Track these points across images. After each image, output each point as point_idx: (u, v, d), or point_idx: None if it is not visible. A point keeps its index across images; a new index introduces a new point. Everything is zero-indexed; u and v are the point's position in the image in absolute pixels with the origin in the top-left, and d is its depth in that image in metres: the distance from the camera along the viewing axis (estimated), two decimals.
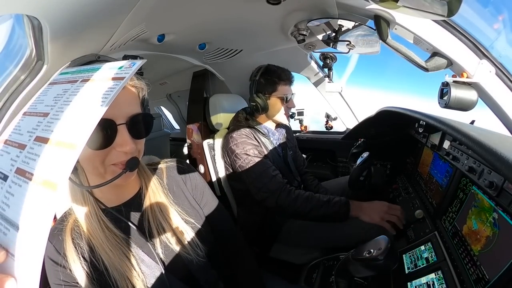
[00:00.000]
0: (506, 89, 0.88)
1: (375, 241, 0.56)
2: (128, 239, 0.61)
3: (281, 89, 1.28)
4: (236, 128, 1.28)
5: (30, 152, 0.31)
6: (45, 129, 0.32)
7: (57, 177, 0.27)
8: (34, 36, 0.57)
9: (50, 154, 0.29)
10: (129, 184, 0.64)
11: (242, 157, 1.18)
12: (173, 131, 3.27)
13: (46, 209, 0.26)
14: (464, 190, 0.74)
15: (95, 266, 0.56)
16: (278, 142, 1.40)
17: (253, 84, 1.31)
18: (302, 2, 1.00)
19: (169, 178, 0.72)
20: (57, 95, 0.36)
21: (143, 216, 0.64)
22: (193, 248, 0.65)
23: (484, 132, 0.68)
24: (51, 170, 0.28)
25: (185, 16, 1.03)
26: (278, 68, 1.31)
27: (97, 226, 0.57)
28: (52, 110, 0.34)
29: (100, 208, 0.59)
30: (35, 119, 0.34)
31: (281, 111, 1.31)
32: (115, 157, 0.52)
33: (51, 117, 0.33)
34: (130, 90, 0.56)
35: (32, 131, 0.33)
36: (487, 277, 0.53)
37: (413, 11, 0.70)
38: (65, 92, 0.36)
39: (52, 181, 0.27)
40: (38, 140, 0.31)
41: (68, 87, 0.37)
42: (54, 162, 0.28)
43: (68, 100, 0.35)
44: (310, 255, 1.14)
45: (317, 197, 1.06)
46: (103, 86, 0.34)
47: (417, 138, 1.16)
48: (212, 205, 0.79)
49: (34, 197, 0.27)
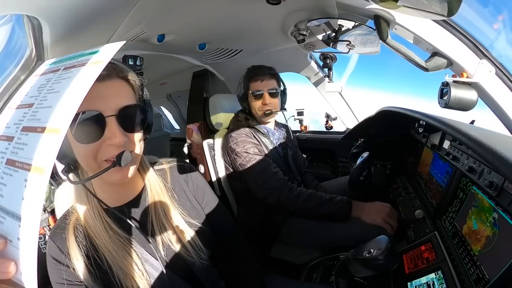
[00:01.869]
0: (506, 89, 0.88)
1: (375, 241, 0.56)
2: (131, 239, 0.61)
3: (252, 86, 1.29)
4: (236, 127, 1.28)
5: (18, 143, 0.32)
6: (30, 119, 0.33)
7: (44, 162, 0.29)
8: (34, 36, 0.57)
9: (37, 141, 0.31)
10: (132, 184, 0.64)
11: (243, 155, 1.18)
12: (173, 131, 3.28)
13: (37, 193, 0.28)
14: (464, 190, 0.74)
15: (99, 265, 0.56)
16: (278, 141, 1.40)
17: (238, 87, 1.35)
18: (302, 2, 1.00)
19: (172, 178, 0.72)
20: (40, 85, 0.37)
21: (146, 216, 0.63)
22: (195, 250, 0.65)
23: (484, 132, 0.68)
24: (38, 156, 0.29)
25: (185, 16, 1.03)
26: (255, 67, 1.31)
27: (100, 227, 0.57)
28: (36, 100, 0.35)
29: (103, 208, 0.59)
30: (21, 111, 0.35)
31: (256, 110, 1.30)
32: (106, 151, 0.51)
33: (36, 107, 0.34)
34: (120, 83, 0.54)
35: (18, 122, 0.34)
36: (487, 277, 0.53)
37: (413, 11, 0.71)
38: (48, 82, 0.37)
39: (40, 166, 0.29)
40: (25, 130, 0.33)
41: (51, 77, 0.38)
42: (41, 148, 0.30)
43: (51, 89, 0.35)
44: (310, 255, 1.14)
45: (320, 195, 1.06)
46: (83, 71, 0.35)
47: (417, 138, 1.16)
48: (213, 204, 0.79)
49: (26, 184, 0.29)
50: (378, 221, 0.96)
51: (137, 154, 0.57)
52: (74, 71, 0.36)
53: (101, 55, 0.37)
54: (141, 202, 0.64)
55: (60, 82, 0.35)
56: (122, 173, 0.54)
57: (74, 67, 0.36)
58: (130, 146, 0.54)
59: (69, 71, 0.36)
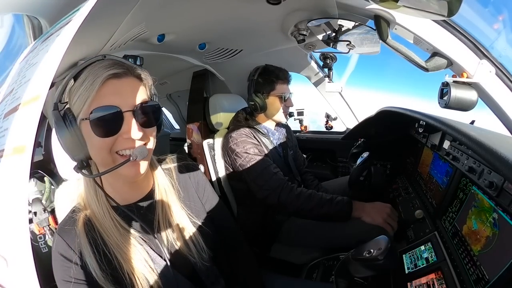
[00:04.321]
0: (506, 89, 0.88)
1: (375, 241, 0.57)
2: (140, 237, 0.61)
3: (279, 88, 1.30)
4: (235, 128, 1.29)
5: (1, 131, 0.31)
6: (11, 102, 0.33)
7: (24, 139, 0.28)
8: (34, 36, 0.57)
9: (17, 120, 0.29)
10: (142, 183, 0.65)
11: (243, 155, 1.19)
12: (173, 131, 3.28)
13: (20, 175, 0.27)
14: (464, 190, 0.74)
15: (109, 260, 0.57)
16: (278, 142, 1.40)
17: (252, 84, 1.33)
18: (302, 2, 1.00)
19: (178, 178, 0.73)
20: (20, 69, 0.37)
21: (153, 215, 0.64)
22: (197, 250, 0.67)
23: (484, 132, 0.68)
24: (17, 136, 0.28)
25: (185, 16, 1.03)
26: (275, 68, 1.33)
27: (111, 224, 0.58)
28: (15, 83, 0.35)
29: (112, 207, 0.59)
30: (4, 100, 0.35)
31: (279, 110, 1.33)
32: (123, 143, 0.53)
33: (16, 89, 0.33)
34: (135, 81, 0.56)
35: (1, 113, 0.33)
36: (487, 277, 0.53)
37: (413, 11, 0.71)
38: (26, 62, 0.37)
39: (20, 146, 0.28)
40: (6, 115, 0.32)
41: (29, 57, 0.37)
42: (20, 126, 0.29)
43: (30, 63, 0.35)
44: (310, 255, 1.14)
45: (320, 195, 1.06)
46: (58, 36, 0.34)
47: (417, 138, 1.16)
48: (213, 201, 0.80)
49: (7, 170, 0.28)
50: (379, 221, 0.96)
51: (150, 149, 0.59)
52: (51, 39, 0.34)
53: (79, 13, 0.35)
54: (149, 201, 0.65)
55: (37, 54, 0.35)
56: (136, 168, 0.55)
57: (51, 35, 0.35)
58: (145, 140, 0.56)
59: (47, 41, 0.35)
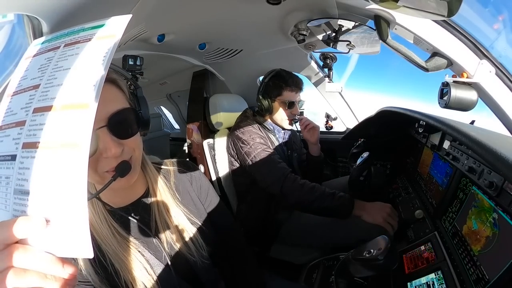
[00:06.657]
0: (506, 89, 0.88)
1: (375, 241, 0.57)
2: (136, 240, 0.60)
3: (286, 94, 1.31)
4: (243, 120, 1.33)
5: (32, 125, 0.30)
6: (41, 99, 0.31)
7: (76, 137, 0.27)
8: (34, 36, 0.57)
9: (59, 119, 0.29)
10: (135, 185, 0.64)
11: (249, 143, 1.21)
12: (173, 131, 3.28)
13: (75, 164, 0.27)
14: (464, 190, 0.74)
15: (104, 267, 0.56)
16: (284, 140, 1.42)
17: (262, 85, 1.35)
18: (302, 2, 1.00)
19: (176, 179, 0.72)
20: (41, 66, 0.34)
21: (150, 216, 0.64)
22: (197, 249, 0.66)
23: (484, 132, 0.68)
24: (66, 133, 0.28)
25: (185, 16, 1.03)
26: (287, 74, 1.33)
27: (108, 232, 0.56)
28: (42, 80, 0.33)
29: (108, 211, 0.58)
30: (26, 95, 0.33)
31: (283, 116, 1.34)
32: (105, 164, 0.49)
33: (44, 87, 0.32)
34: (105, 87, 0.48)
35: (26, 106, 0.32)
36: (487, 277, 0.53)
37: (413, 11, 0.70)
38: (50, 61, 0.34)
39: (71, 142, 0.27)
40: (37, 111, 0.31)
41: (51, 55, 0.35)
42: (67, 125, 0.28)
43: (58, 66, 0.33)
44: (310, 255, 1.14)
45: (323, 189, 1.07)
46: (94, 46, 0.32)
47: (417, 138, 1.16)
48: (215, 204, 0.80)
49: (54, 159, 0.27)
50: (379, 221, 0.96)
51: (137, 158, 0.56)
52: (80, 46, 0.33)
53: (110, 29, 0.34)
54: (144, 202, 0.65)
55: (66, 59, 0.33)
56: (125, 181, 0.53)
57: (78, 43, 0.34)
58: (128, 153, 0.52)
59: (74, 47, 0.34)
